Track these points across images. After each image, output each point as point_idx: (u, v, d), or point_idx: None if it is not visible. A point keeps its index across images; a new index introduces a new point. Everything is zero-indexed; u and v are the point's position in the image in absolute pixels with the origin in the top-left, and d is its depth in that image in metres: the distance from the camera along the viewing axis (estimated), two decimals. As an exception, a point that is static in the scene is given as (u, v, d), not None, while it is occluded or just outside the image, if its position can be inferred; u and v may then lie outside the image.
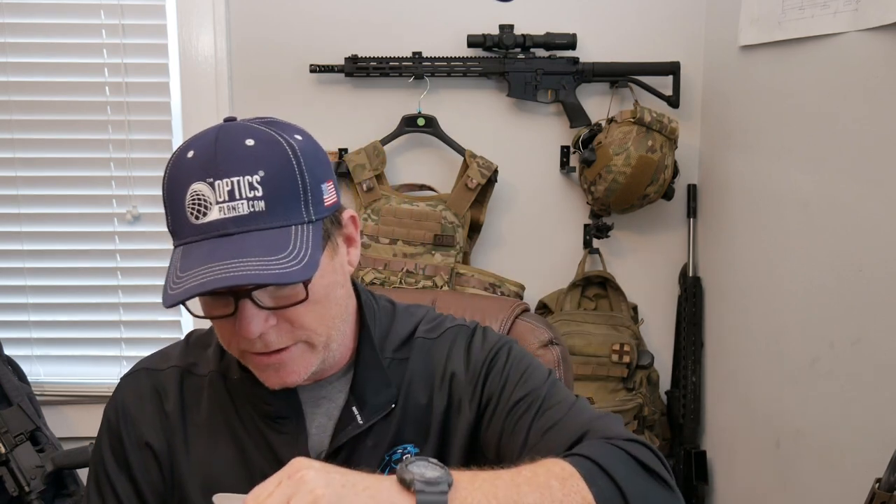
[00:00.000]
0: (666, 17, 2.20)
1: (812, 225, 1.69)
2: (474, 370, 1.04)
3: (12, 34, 2.16)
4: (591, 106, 2.20)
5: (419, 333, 1.07)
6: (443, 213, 2.10)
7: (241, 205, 0.87)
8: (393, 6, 2.19)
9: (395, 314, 1.09)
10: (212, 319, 0.93)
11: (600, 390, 2.11)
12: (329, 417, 1.02)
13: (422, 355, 1.05)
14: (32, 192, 2.21)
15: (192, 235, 0.88)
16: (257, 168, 0.87)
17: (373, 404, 1.01)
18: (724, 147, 2.10)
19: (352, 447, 1.01)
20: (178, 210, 0.89)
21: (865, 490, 1.23)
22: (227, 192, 0.87)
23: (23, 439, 1.90)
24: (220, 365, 1.05)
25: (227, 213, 0.87)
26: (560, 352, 1.34)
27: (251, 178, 0.87)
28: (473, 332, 1.08)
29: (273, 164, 0.88)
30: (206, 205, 0.87)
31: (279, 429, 1.00)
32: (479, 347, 1.05)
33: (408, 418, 1.03)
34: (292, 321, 0.91)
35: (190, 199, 0.87)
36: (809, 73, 1.69)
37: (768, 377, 1.87)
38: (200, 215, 0.87)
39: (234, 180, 0.87)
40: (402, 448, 1.02)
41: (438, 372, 1.04)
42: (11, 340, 2.20)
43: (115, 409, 1.06)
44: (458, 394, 1.03)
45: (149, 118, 2.20)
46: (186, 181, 0.88)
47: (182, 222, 0.89)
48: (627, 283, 2.23)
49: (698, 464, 2.19)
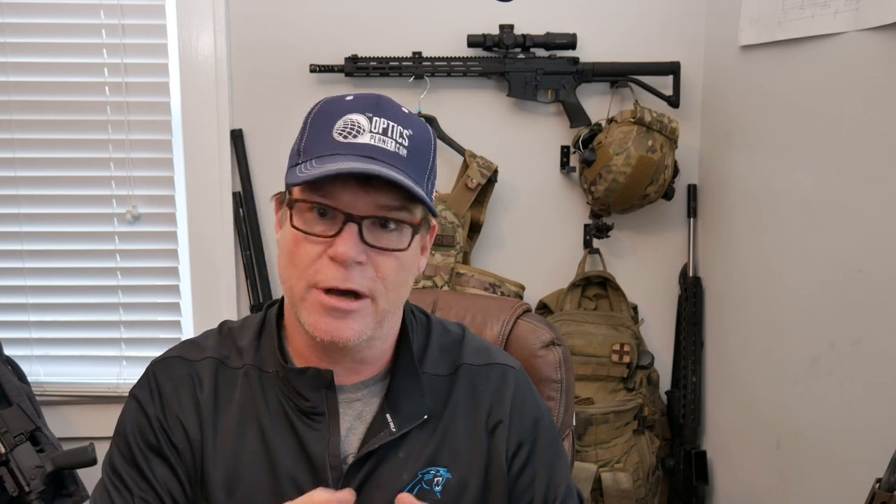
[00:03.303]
0: (666, 17, 2.20)
1: (812, 225, 1.69)
2: (520, 426, 1.07)
3: (12, 34, 2.16)
4: (591, 106, 2.20)
5: (465, 358, 1.08)
6: (443, 213, 2.10)
7: (390, 142, 0.94)
8: (393, 6, 2.19)
9: (430, 328, 1.10)
10: (308, 235, 0.94)
11: (600, 390, 2.11)
12: (361, 421, 1.02)
13: (467, 383, 1.07)
14: (32, 192, 2.21)
15: (331, 150, 0.93)
16: (409, 126, 0.97)
17: (407, 413, 1.01)
18: (724, 147, 2.10)
19: (382, 455, 1.00)
20: (320, 133, 0.95)
21: (865, 490, 1.23)
22: (381, 127, 0.94)
23: (23, 439, 1.90)
24: (256, 358, 1.04)
25: (377, 142, 0.93)
26: (562, 352, 1.34)
27: (403, 129, 0.96)
28: (520, 381, 1.10)
29: (420, 131, 0.98)
30: (360, 129, 0.94)
31: (312, 425, 1.00)
32: (530, 407, 1.09)
33: (446, 443, 1.03)
34: (378, 268, 0.94)
35: (342, 124, 0.94)
36: (809, 73, 1.69)
37: (768, 377, 1.87)
38: (350, 136, 0.93)
39: (390, 123, 0.95)
40: (436, 471, 1.02)
41: (483, 411, 1.06)
42: (11, 340, 2.20)
43: (147, 391, 1.04)
44: (501, 443, 1.05)
45: (149, 118, 2.20)
46: (340, 112, 0.96)
47: (322, 141, 0.94)
48: (627, 283, 2.23)
49: (698, 464, 2.19)
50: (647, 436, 2.13)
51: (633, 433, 2.10)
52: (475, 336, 1.14)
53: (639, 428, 2.11)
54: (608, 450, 2.07)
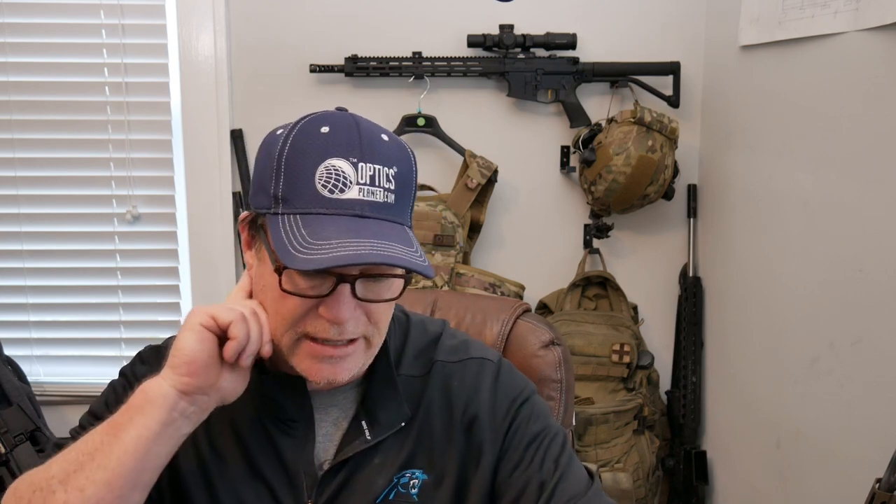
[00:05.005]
0: (666, 17, 2.20)
1: (812, 225, 1.69)
2: (498, 416, 1.02)
3: (12, 34, 2.16)
4: (591, 106, 2.20)
5: (439, 356, 1.05)
6: (443, 213, 2.10)
7: (379, 192, 0.89)
8: (393, 6, 2.19)
9: (408, 327, 1.08)
10: (298, 297, 0.89)
11: (600, 390, 2.11)
12: (336, 426, 1.01)
13: (441, 381, 1.04)
14: (32, 192, 2.21)
15: (320, 207, 0.88)
16: (392, 163, 0.91)
17: (383, 422, 0.99)
18: (724, 147, 2.10)
19: (357, 462, 0.99)
20: (300, 179, 0.88)
21: (865, 490, 1.23)
22: (368, 176, 0.89)
23: (23, 439, 1.90)
24: None
25: (366, 195, 0.88)
26: (561, 352, 1.34)
27: (388, 170, 0.90)
28: (498, 370, 1.06)
29: (403, 163, 0.92)
30: (347, 182, 0.88)
31: (288, 431, 0.99)
32: (505, 392, 1.04)
33: (422, 444, 1.01)
34: (370, 315, 0.92)
35: (325, 173, 0.88)
36: (809, 73, 1.69)
37: (768, 377, 1.87)
38: (337, 190, 0.88)
39: (377, 167, 0.89)
40: (411, 473, 1.00)
41: (459, 407, 1.02)
42: (11, 340, 2.20)
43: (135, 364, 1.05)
44: (480, 437, 1.01)
45: (149, 118, 2.20)
46: (321, 154, 0.88)
47: (305, 192, 0.88)
48: (627, 283, 2.23)
49: (698, 464, 2.19)
50: (647, 436, 2.13)
51: (633, 433, 2.10)
52: (455, 332, 1.11)
53: (639, 428, 2.11)
54: (608, 450, 2.07)
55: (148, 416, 0.89)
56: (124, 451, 0.88)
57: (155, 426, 0.89)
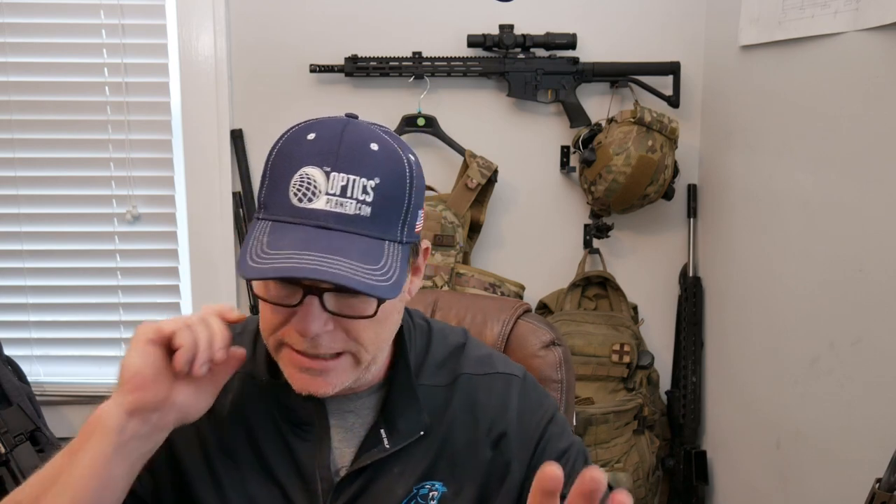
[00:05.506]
0: (666, 17, 2.20)
1: (812, 225, 1.69)
2: (527, 434, 1.02)
3: (12, 34, 2.16)
4: (591, 106, 2.20)
5: (465, 368, 1.04)
6: (443, 213, 2.10)
7: (349, 204, 0.85)
8: (393, 6, 2.19)
9: (430, 336, 1.06)
10: (270, 304, 0.89)
11: (600, 390, 2.11)
12: (353, 433, 1.00)
13: (466, 394, 1.02)
14: (32, 192, 2.21)
15: (287, 216, 0.86)
16: (375, 174, 0.86)
17: (402, 430, 0.98)
18: (724, 147, 2.10)
19: (376, 470, 0.98)
20: (278, 185, 0.87)
21: (865, 490, 1.23)
22: (340, 186, 0.85)
23: (23, 439, 1.90)
24: (250, 365, 1.02)
25: (333, 206, 0.85)
26: (562, 352, 1.34)
27: (367, 181, 0.86)
28: (523, 387, 1.05)
29: (390, 175, 0.88)
30: (315, 191, 0.85)
31: (303, 435, 0.98)
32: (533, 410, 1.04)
33: (443, 456, 1.00)
34: (348, 331, 0.89)
35: (298, 180, 0.86)
36: (809, 73, 1.69)
37: (768, 377, 1.87)
38: (305, 199, 0.85)
39: (351, 178, 0.85)
40: (431, 485, 0.99)
41: (485, 422, 1.02)
42: (11, 340, 2.20)
43: None
44: (508, 454, 1.01)
45: (149, 118, 2.20)
46: (299, 161, 0.86)
47: (280, 199, 0.86)
48: (627, 283, 2.23)
49: (698, 464, 2.19)
50: (647, 436, 2.13)
51: (633, 433, 2.10)
52: (478, 343, 1.10)
53: (639, 428, 2.11)
54: (608, 450, 2.07)
55: (98, 441, 0.89)
56: (81, 475, 0.89)
57: (107, 450, 0.88)
